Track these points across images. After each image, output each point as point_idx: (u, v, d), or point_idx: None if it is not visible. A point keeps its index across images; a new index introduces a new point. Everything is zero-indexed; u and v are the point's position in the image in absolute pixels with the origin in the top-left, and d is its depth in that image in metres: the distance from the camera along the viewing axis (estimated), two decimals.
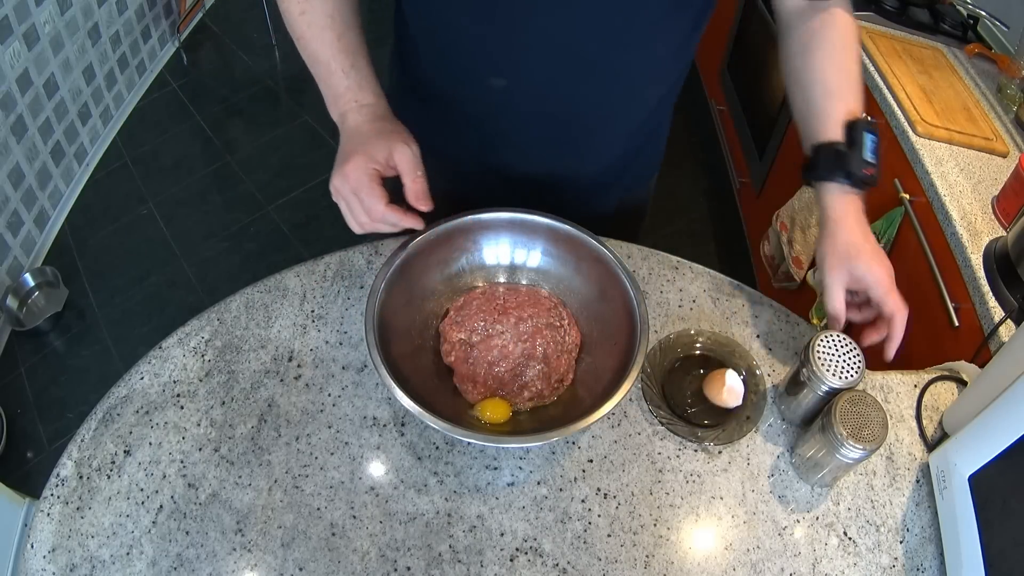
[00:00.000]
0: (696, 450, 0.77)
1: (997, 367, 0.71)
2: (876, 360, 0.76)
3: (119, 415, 0.76)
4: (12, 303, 1.95)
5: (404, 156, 0.72)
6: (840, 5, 0.79)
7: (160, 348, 0.82)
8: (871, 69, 1.45)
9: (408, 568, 0.68)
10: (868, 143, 0.74)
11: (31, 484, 1.64)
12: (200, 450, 0.74)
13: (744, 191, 2.26)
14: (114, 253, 2.18)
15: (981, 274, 1.07)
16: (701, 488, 0.75)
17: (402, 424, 0.77)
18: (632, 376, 0.69)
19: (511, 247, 0.84)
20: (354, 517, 0.71)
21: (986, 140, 1.31)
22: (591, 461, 0.76)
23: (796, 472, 0.76)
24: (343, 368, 0.81)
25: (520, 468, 0.75)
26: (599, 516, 0.72)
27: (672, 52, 0.81)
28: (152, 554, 0.68)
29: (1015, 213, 1.11)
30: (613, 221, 1.00)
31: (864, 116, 0.76)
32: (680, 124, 2.66)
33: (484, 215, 0.81)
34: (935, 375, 0.86)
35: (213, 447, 0.75)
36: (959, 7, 1.67)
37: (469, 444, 0.76)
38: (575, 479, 0.75)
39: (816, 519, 0.73)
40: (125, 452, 0.74)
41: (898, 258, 1.35)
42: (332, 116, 0.78)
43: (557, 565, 0.69)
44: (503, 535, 0.71)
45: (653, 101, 0.87)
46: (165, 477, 0.72)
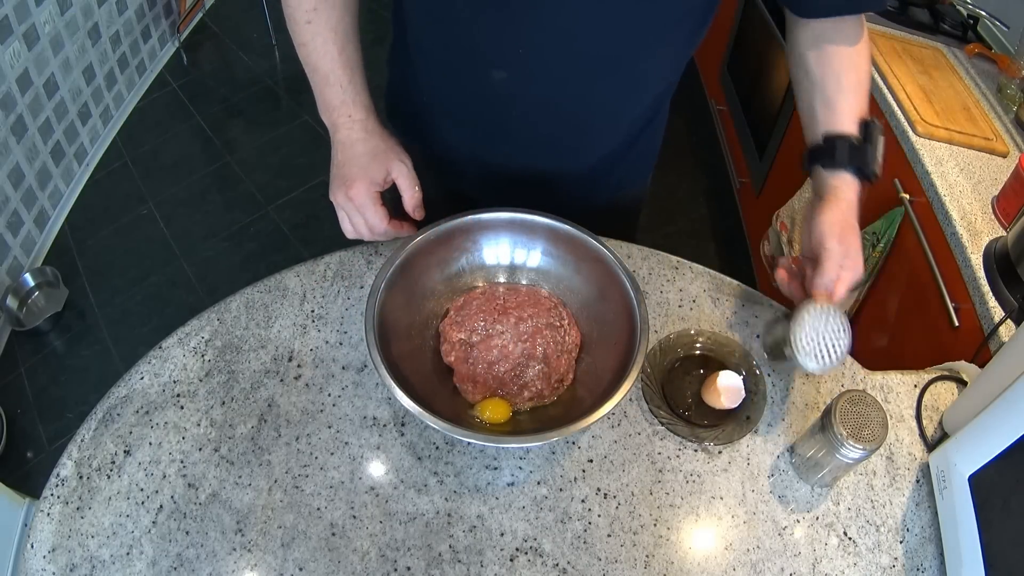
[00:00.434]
0: (696, 450, 0.77)
1: (997, 367, 0.71)
2: (876, 360, 0.76)
3: (119, 415, 0.76)
4: (12, 303, 1.95)
5: (401, 172, 0.79)
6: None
7: (160, 348, 0.82)
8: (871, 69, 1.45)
9: (408, 568, 0.68)
10: (879, 143, 0.77)
11: (31, 484, 1.64)
12: (200, 450, 0.74)
13: (744, 191, 2.26)
14: (114, 253, 2.18)
15: (981, 274, 1.07)
16: (701, 488, 0.75)
17: (402, 424, 0.77)
18: (632, 376, 0.69)
19: (511, 247, 0.84)
20: (354, 517, 0.71)
21: (986, 140, 1.31)
22: (591, 461, 0.76)
23: (796, 472, 0.76)
24: (343, 368, 0.81)
25: (520, 468, 0.75)
26: (599, 516, 0.72)
27: (676, 50, 0.81)
28: (152, 554, 0.68)
29: (1015, 213, 1.11)
30: (610, 216, 1.00)
31: (872, 119, 0.79)
32: (680, 124, 2.67)
33: (484, 215, 0.81)
34: (935, 375, 0.86)
35: (213, 447, 0.75)
36: (959, 7, 1.67)
37: (469, 444, 0.76)
38: (575, 479, 0.75)
39: (816, 519, 0.73)
40: (125, 452, 0.74)
41: (898, 258, 1.35)
42: (323, 120, 0.82)
43: (557, 565, 0.69)
44: (503, 535, 0.71)
45: (652, 97, 0.88)
46: (165, 477, 0.72)
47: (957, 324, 1.12)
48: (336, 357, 0.82)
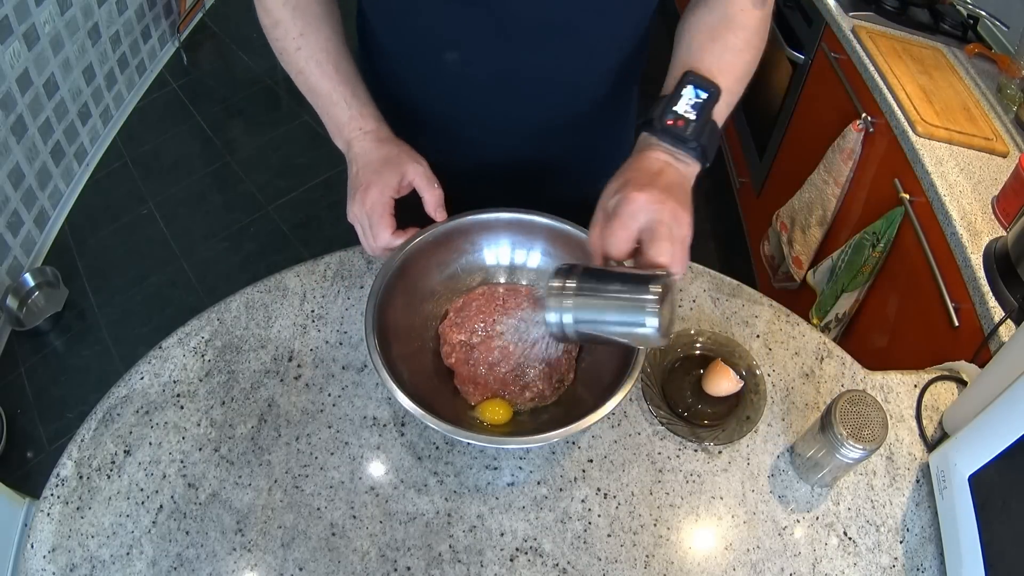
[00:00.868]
0: (696, 450, 0.77)
1: (997, 367, 0.71)
2: (876, 360, 0.76)
3: (119, 415, 0.76)
4: (12, 303, 1.96)
5: (417, 173, 0.77)
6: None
7: (160, 348, 0.82)
8: (871, 69, 1.45)
9: (408, 568, 0.68)
10: (687, 96, 0.69)
11: (31, 484, 1.64)
12: (200, 450, 0.74)
13: (744, 191, 2.26)
14: (114, 253, 2.18)
15: (981, 274, 1.07)
16: (701, 488, 0.75)
17: (402, 424, 0.77)
18: (632, 376, 0.69)
19: (511, 247, 0.84)
20: (354, 517, 0.71)
21: (986, 140, 1.31)
22: (591, 461, 0.76)
23: (796, 472, 0.76)
24: (343, 368, 0.81)
25: (520, 468, 0.75)
26: (599, 516, 0.72)
27: (624, 12, 0.78)
28: (152, 554, 0.68)
29: (1015, 213, 1.11)
30: (586, 211, 0.97)
31: (709, 79, 0.70)
32: None
33: (483, 215, 0.81)
34: (935, 375, 0.86)
35: (213, 447, 0.75)
36: (959, 7, 1.67)
37: (469, 444, 0.76)
38: (575, 479, 0.75)
39: (816, 519, 0.73)
40: (125, 452, 0.74)
41: (898, 258, 1.35)
42: (337, 144, 0.81)
43: (557, 565, 0.69)
44: (503, 535, 0.71)
45: (610, 69, 0.84)
46: (165, 477, 0.72)
47: (957, 324, 1.12)
48: (336, 357, 0.82)
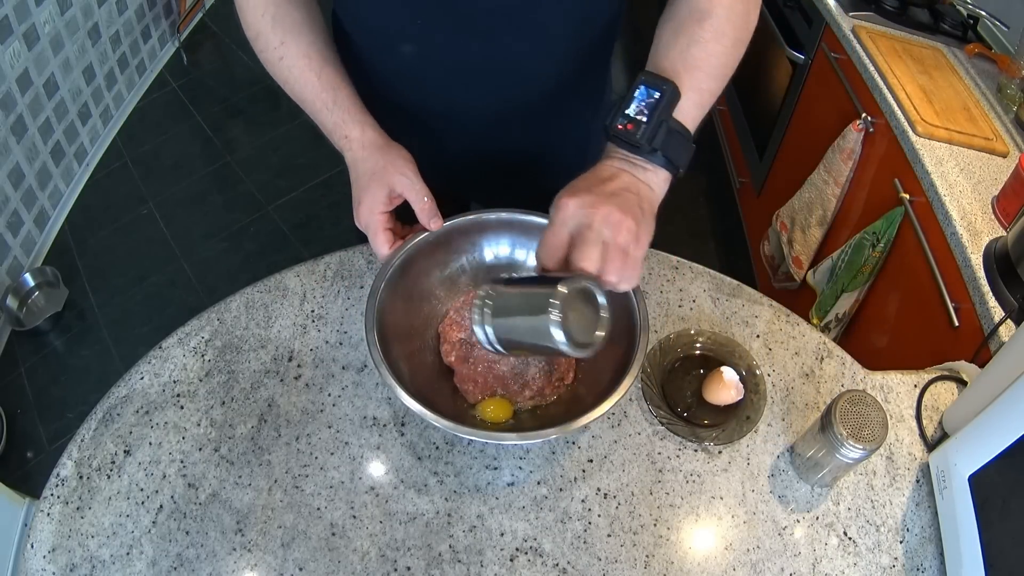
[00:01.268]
0: (696, 450, 0.77)
1: (997, 367, 0.71)
2: (876, 360, 0.76)
3: (119, 415, 0.76)
4: (12, 303, 1.95)
5: (404, 186, 0.75)
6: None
7: (160, 348, 0.82)
8: (871, 69, 1.45)
9: (408, 568, 0.68)
10: (638, 97, 0.65)
11: (31, 484, 1.64)
12: (200, 450, 0.74)
13: (744, 191, 2.26)
14: (114, 253, 2.18)
15: (981, 274, 1.07)
16: (701, 488, 0.75)
17: (402, 424, 0.77)
18: (632, 375, 0.69)
19: (511, 247, 0.84)
20: (354, 517, 0.71)
21: (986, 140, 1.31)
22: (591, 461, 0.76)
23: (796, 472, 0.76)
24: (343, 368, 0.81)
25: (520, 468, 0.75)
26: (599, 516, 0.72)
27: (594, 5, 0.77)
28: (152, 554, 0.68)
29: (1015, 213, 1.11)
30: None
31: (662, 77, 0.66)
32: None
33: (483, 215, 0.81)
34: (935, 375, 0.86)
35: (213, 447, 0.75)
36: (959, 7, 1.67)
37: (469, 444, 0.76)
38: (575, 479, 0.75)
39: (816, 519, 0.73)
40: (125, 452, 0.74)
41: (898, 258, 1.35)
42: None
43: (557, 565, 0.69)
44: (503, 535, 0.71)
45: (575, 60, 0.83)
46: (165, 477, 0.72)
47: (957, 324, 1.12)
48: (336, 357, 0.82)
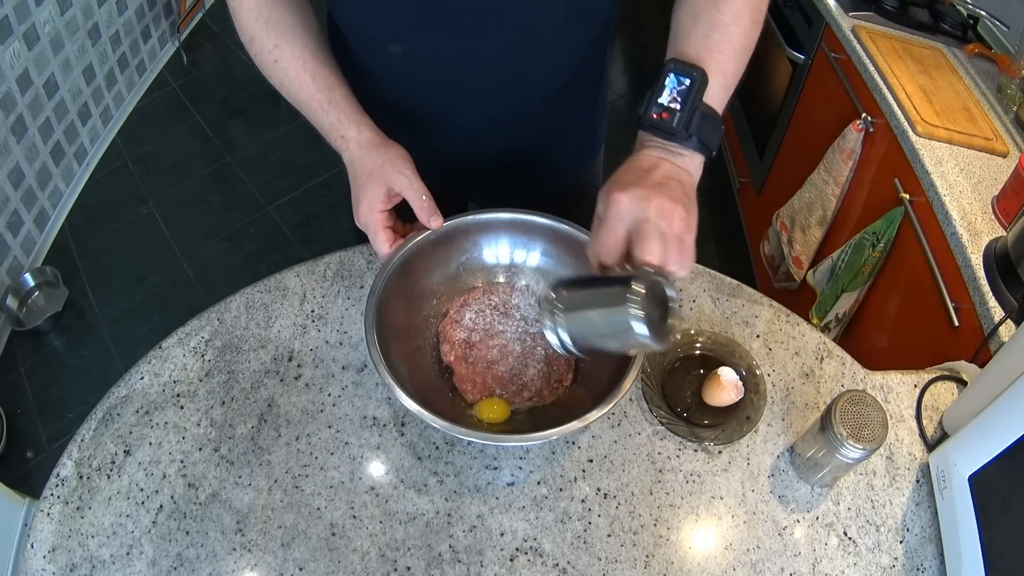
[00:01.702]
0: (696, 450, 0.77)
1: (997, 367, 0.71)
2: (876, 360, 0.76)
3: (119, 415, 0.76)
4: (12, 303, 1.95)
5: (402, 184, 0.74)
6: None
7: (160, 348, 0.82)
8: (871, 69, 1.45)
9: (408, 568, 0.68)
10: (669, 85, 0.65)
11: (31, 484, 1.64)
12: (200, 450, 0.74)
13: (744, 191, 2.26)
14: (114, 253, 2.18)
15: (981, 274, 1.07)
16: (701, 488, 0.75)
17: (402, 424, 0.77)
18: (632, 376, 0.69)
19: (510, 247, 0.84)
20: (354, 517, 0.71)
21: (986, 140, 1.31)
22: (591, 461, 0.76)
23: (796, 472, 0.76)
24: (343, 368, 0.81)
25: (520, 468, 0.75)
26: (599, 516, 0.72)
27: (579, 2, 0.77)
28: (152, 554, 0.68)
29: (1015, 213, 1.11)
30: (563, 204, 0.92)
31: (691, 64, 0.66)
32: None
33: (483, 215, 0.81)
34: (935, 375, 0.86)
35: (213, 447, 0.75)
36: (959, 7, 1.67)
37: (469, 444, 0.76)
38: (575, 479, 0.75)
39: (816, 519, 0.73)
40: (125, 452, 0.74)
41: (898, 258, 1.35)
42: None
43: (557, 565, 0.69)
44: (503, 535, 0.71)
45: (566, 57, 0.83)
46: (165, 477, 0.72)
47: (957, 324, 1.12)
48: (336, 357, 0.82)
